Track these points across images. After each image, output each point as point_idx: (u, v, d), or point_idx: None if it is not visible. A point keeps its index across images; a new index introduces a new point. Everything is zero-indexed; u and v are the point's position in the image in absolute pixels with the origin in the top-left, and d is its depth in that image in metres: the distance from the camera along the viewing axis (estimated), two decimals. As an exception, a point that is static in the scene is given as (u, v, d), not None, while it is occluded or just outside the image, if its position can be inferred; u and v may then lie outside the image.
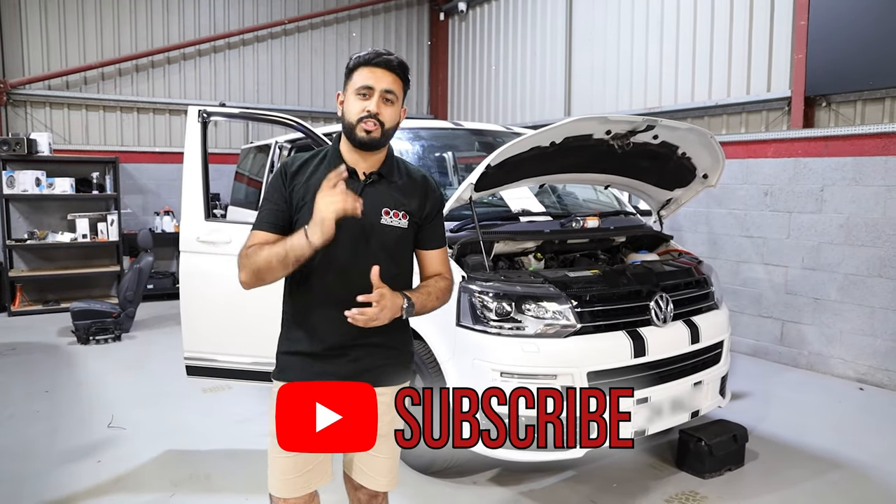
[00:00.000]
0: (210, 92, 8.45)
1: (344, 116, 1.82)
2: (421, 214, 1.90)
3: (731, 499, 3.16)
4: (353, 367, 1.87)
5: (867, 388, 4.79)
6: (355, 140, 1.80)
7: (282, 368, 1.93)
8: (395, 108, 1.82)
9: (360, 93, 1.78)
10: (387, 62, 1.79)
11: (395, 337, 1.94)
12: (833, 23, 5.03)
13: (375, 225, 1.82)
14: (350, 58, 1.84)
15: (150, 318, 6.93)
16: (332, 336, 1.86)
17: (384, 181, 1.87)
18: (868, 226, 4.81)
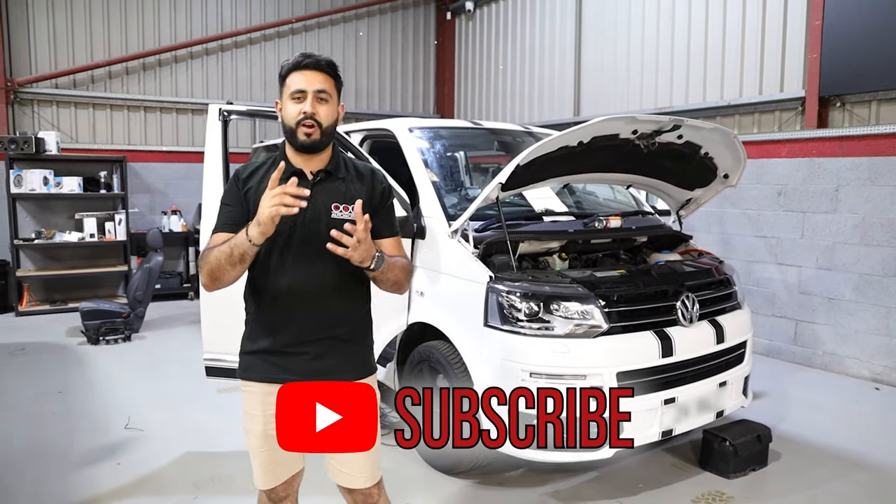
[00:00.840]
0: (217, 91, 8.42)
1: (283, 122, 1.89)
2: (371, 205, 1.94)
3: (757, 499, 3.16)
4: (311, 366, 1.92)
5: (883, 388, 4.79)
6: (297, 143, 1.87)
7: (244, 367, 2.01)
8: (331, 107, 1.89)
9: (295, 97, 1.86)
10: (315, 63, 1.87)
11: (356, 331, 2.02)
12: (848, 23, 5.03)
13: (327, 219, 1.88)
14: (281, 66, 1.92)
15: (159, 318, 6.90)
16: (292, 332, 1.92)
17: (332, 178, 1.94)
18: (884, 226, 4.81)
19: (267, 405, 1.92)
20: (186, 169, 8.19)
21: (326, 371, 1.93)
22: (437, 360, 3.31)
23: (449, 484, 3.27)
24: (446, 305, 3.30)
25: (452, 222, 3.35)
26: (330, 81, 1.90)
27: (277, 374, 1.93)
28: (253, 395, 1.99)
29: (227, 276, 1.82)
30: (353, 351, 2.01)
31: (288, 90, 1.88)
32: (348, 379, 1.95)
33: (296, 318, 1.91)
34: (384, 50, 9.71)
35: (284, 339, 1.93)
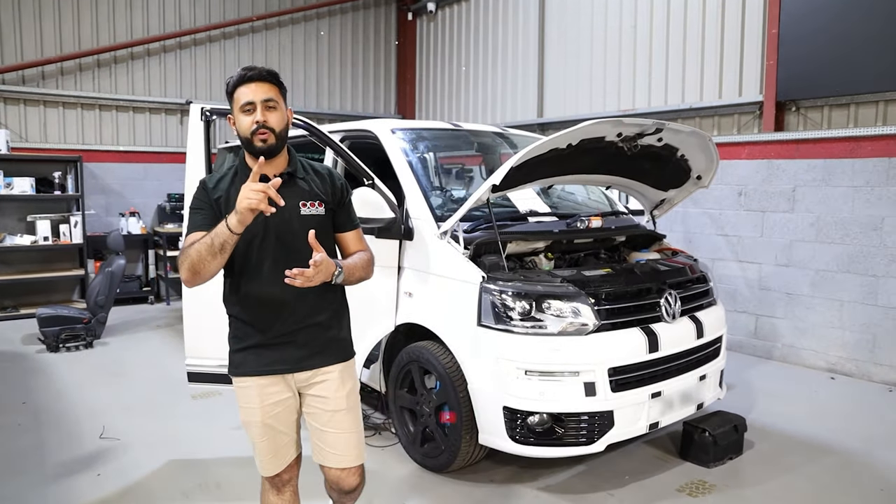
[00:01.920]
0: (175, 90, 8.18)
1: (239, 134, 2.03)
2: (333, 201, 2.13)
3: (737, 486, 3.31)
4: (302, 352, 2.09)
5: (838, 378, 5.08)
6: (255, 151, 1.98)
7: (237, 364, 2.12)
8: (280, 113, 2.02)
9: (245, 109, 1.99)
10: (258, 75, 2.01)
11: (335, 317, 2.17)
12: (802, 32, 5.30)
13: (297, 216, 2.04)
14: (226, 83, 2.06)
15: (120, 323, 6.67)
16: (277, 324, 2.06)
17: (294, 179, 2.07)
18: (837, 224, 5.09)
19: (264, 396, 2.09)
20: (144, 169, 7.93)
21: (313, 356, 2.11)
22: (427, 360, 3.33)
23: (441, 483, 3.30)
24: (437, 306, 3.32)
25: (441, 223, 3.38)
26: (274, 89, 2.03)
27: (271, 365, 2.08)
28: (249, 390, 2.10)
29: (207, 267, 1.89)
30: (334, 336, 2.17)
31: (237, 104, 2.01)
32: (334, 363, 2.15)
33: (279, 312, 2.05)
34: (345, 50, 9.64)
35: (272, 332, 2.06)
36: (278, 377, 2.10)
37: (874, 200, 4.89)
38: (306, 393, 2.16)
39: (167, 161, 8.06)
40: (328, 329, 2.14)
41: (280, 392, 2.12)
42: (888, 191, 4.82)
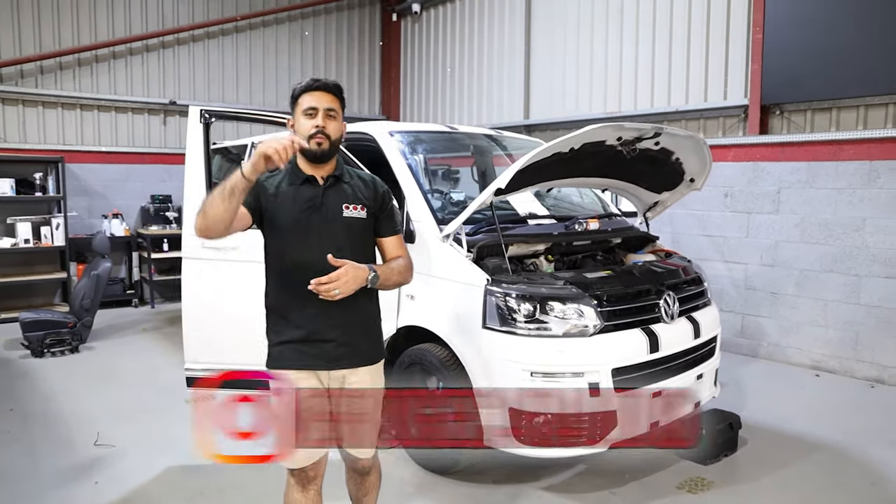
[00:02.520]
0: (158, 89, 8.06)
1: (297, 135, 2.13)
2: (376, 206, 2.26)
3: (734, 483, 3.38)
4: (338, 351, 2.19)
5: (822, 375, 5.21)
6: (309, 154, 2.13)
7: (275, 358, 2.22)
8: (338, 123, 2.18)
9: (307, 113, 2.13)
10: (325, 86, 2.17)
11: (369, 320, 2.29)
12: (786, 38, 5.43)
13: (340, 218, 2.17)
14: (293, 88, 2.20)
15: (105, 327, 6.55)
16: (314, 322, 2.16)
17: (340, 183, 2.22)
18: (821, 225, 5.23)
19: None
20: (127, 171, 7.81)
21: (348, 356, 2.21)
22: (430, 362, 3.35)
23: (446, 485, 3.32)
24: (440, 309, 3.33)
25: (443, 226, 3.39)
26: (336, 101, 2.18)
27: (308, 361, 2.18)
28: (284, 383, 2.20)
29: (216, 209, 1.99)
30: (368, 337, 2.28)
31: (300, 108, 2.15)
32: (366, 364, 2.26)
33: (318, 310, 2.13)
34: (329, 50, 9.59)
35: (310, 330, 2.16)
36: (313, 373, 2.20)
37: (856, 202, 5.03)
38: (337, 392, 2.25)
39: (150, 162, 7.94)
40: (362, 330, 2.25)
41: (313, 388, 2.21)
42: (869, 193, 4.96)
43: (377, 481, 2.49)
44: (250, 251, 3.48)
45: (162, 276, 7.66)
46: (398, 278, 2.24)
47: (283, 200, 2.17)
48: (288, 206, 2.18)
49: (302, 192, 2.18)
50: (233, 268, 3.48)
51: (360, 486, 2.47)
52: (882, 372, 4.97)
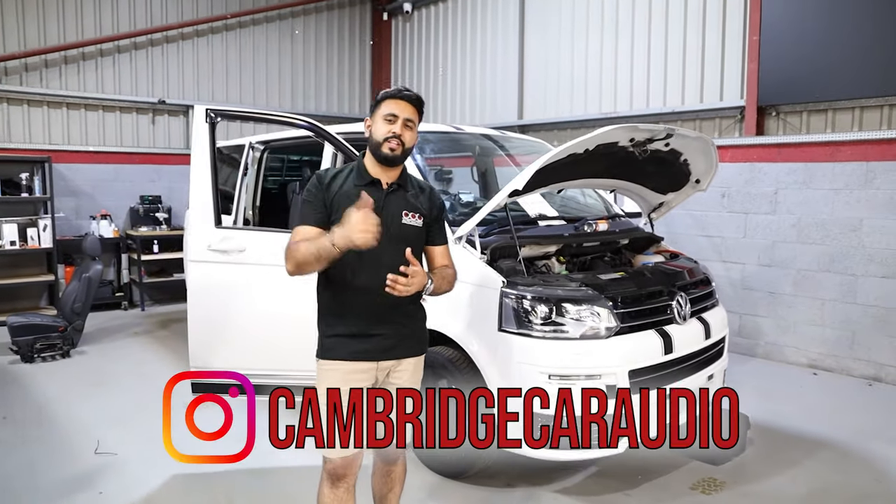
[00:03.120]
0: (147, 88, 7.91)
1: (371, 137, 2.27)
2: (430, 216, 2.37)
3: (745, 482, 3.40)
4: (384, 344, 2.30)
5: (820, 374, 5.27)
6: (380, 156, 2.25)
7: (326, 349, 2.32)
8: (413, 133, 2.30)
9: (387, 118, 2.23)
10: (408, 97, 2.27)
11: (416, 316, 2.40)
12: (782, 40, 5.48)
13: (398, 224, 2.27)
14: (378, 92, 2.33)
15: (95, 330, 6.40)
16: (365, 317, 2.27)
17: (401, 190, 2.33)
18: (818, 225, 5.29)
19: (346, 381, 2.26)
20: (115, 170, 7.65)
21: (396, 348, 2.33)
22: (441, 364, 3.31)
23: (459, 489, 3.29)
24: (454, 311, 3.29)
25: (455, 228, 3.36)
26: (416, 114, 2.30)
27: (358, 353, 2.28)
28: (334, 373, 2.28)
29: (310, 269, 2.17)
30: (415, 330, 2.40)
31: (381, 112, 2.26)
32: (412, 355, 2.39)
33: (369, 307, 2.25)
34: (320, 49, 9.50)
35: (360, 325, 2.27)
36: (363, 364, 2.29)
37: (853, 203, 5.09)
38: (383, 383, 2.36)
39: (139, 162, 7.79)
40: (410, 324, 2.37)
41: (362, 381, 2.30)
42: (866, 193, 5.03)
43: (402, 476, 2.56)
44: (258, 254, 3.44)
45: (152, 279, 7.52)
46: (446, 287, 2.36)
47: (346, 200, 2.21)
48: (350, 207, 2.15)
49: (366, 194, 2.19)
50: (240, 271, 3.41)
51: (385, 480, 2.52)
52: (879, 370, 5.04)
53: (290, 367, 3.46)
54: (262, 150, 5.02)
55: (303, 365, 3.45)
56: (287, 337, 3.45)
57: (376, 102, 2.30)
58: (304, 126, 3.50)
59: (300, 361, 3.45)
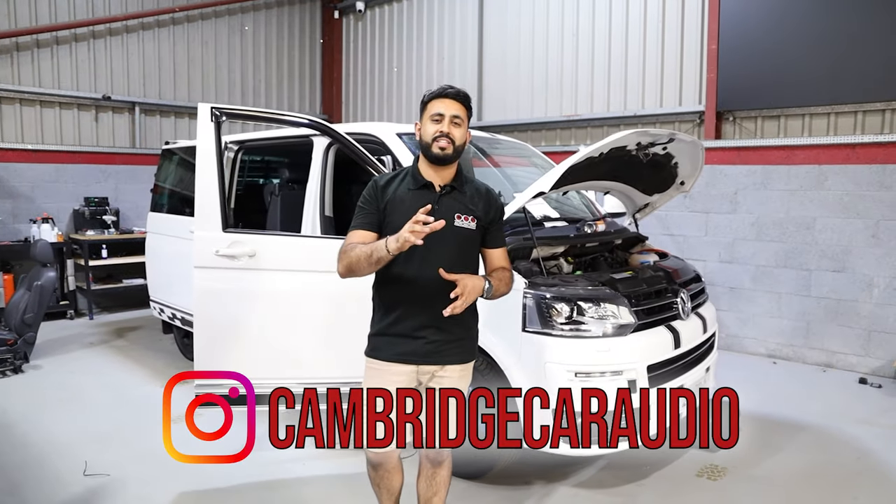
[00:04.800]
0: (89, 82, 7.43)
1: (421, 138, 2.29)
2: (486, 219, 2.35)
3: (744, 467, 3.60)
4: (427, 347, 2.30)
5: (779, 363, 5.65)
6: (431, 156, 2.26)
7: (373, 347, 2.38)
8: (462, 130, 2.29)
9: (434, 118, 2.25)
10: (454, 94, 2.27)
11: (466, 321, 2.36)
12: (739, 49, 5.84)
13: (451, 227, 2.20)
14: (424, 94, 2.32)
15: (43, 342, 5.90)
16: (413, 318, 2.29)
17: (455, 192, 2.32)
18: (775, 224, 5.67)
19: (388, 383, 2.31)
20: (56, 171, 7.14)
21: (440, 353, 2.32)
22: (458, 367, 3.32)
23: (480, 489, 3.31)
24: (472, 313, 3.31)
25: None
26: (464, 110, 2.28)
27: (401, 355, 2.31)
28: (378, 372, 2.34)
29: (362, 272, 2.21)
30: (462, 337, 2.38)
31: (428, 112, 2.27)
32: (457, 362, 2.37)
33: (419, 308, 2.27)
34: (270, 46, 9.24)
35: (407, 325, 2.29)
36: (404, 366, 2.32)
37: (807, 203, 5.49)
38: (426, 384, 2.38)
39: (82, 161, 7.31)
40: (457, 331, 2.34)
41: (403, 382, 2.33)
42: (819, 194, 5.43)
43: (447, 480, 2.58)
44: (268, 259, 3.33)
45: (100, 285, 7.07)
46: (504, 289, 2.34)
47: (399, 204, 2.28)
48: (403, 210, 2.24)
49: (418, 197, 2.27)
50: (250, 276, 3.29)
51: (431, 482, 2.54)
52: (831, 357, 5.46)
53: (304, 374, 3.37)
54: (237, 150, 4.86)
55: (317, 372, 3.39)
56: (302, 345, 3.37)
57: (422, 104, 2.31)
58: (312, 125, 3.41)
59: (315, 369, 3.39)
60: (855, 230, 5.29)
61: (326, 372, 3.37)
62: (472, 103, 2.34)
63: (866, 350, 5.30)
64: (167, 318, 5.49)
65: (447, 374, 2.36)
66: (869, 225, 5.23)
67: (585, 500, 3.25)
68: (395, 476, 2.51)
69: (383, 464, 2.46)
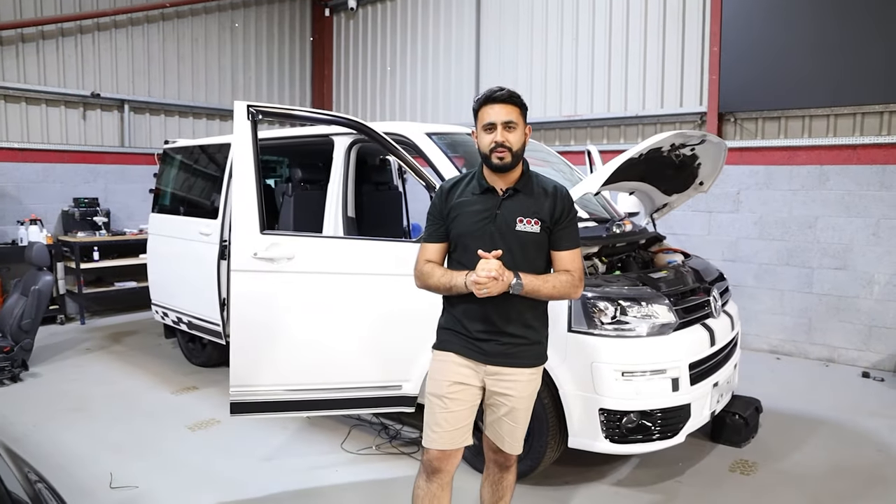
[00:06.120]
0: (76, 79, 7.18)
1: (479, 148, 2.26)
2: (551, 220, 2.27)
3: (772, 461, 3.67)
4: (497, 349, 2.29)
5: (783, 358, 5.78)
6: (491, 166, 2.24)
7: (442, 341, 2.37)
8: (518, 132, 2.23)
9: (487, 129, 2.21)
10: (503, 98, 2.21)
11: (534, 325, 2.34)
12: (740, 52, 5.95)
13: (512, 231, 2.23)
14: (474, 101, 2.28)
15: (36, 349, 5.69)
16: (479, 321, 2.28)
17: (519, 194, 2.27)
18: (777, 223, 5.79)
19: (454, 374, 2.30)
20: (44, 170, 6.88)
21: (507, 356, 2.29)
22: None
23: (526, 491, 3.27)
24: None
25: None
26: (515, 111, 2.22)
27: (472, 352, 2.30)
28: (444, 364, 2.33)
29: (438, 292, 2.31)
30: (530, 342, 2.33)
31: (481, 122, 2.24)
32: (526, 366, 2.32)
33: (485, 311, 2.25)
34: (260, 44, 9.07)
35: (476, 328, 2.28)
36: (472, 362, 2.30)
37: (809, 202, 5.63)
38: (492, 388, 2.33)
39: (71, 161, 7.06)
40: (525, 335, 2.30)
41: (468, 377, 2.31)
42: (820, 194, 5.57)
43: (513, 484, 2.55)
44: (307, 262, 3.26)
45: (90, 289, 6.84)
46: (550, 292, 2.23)
47: (463, 209, 2.29)
48: (467, 215, 2.28)
49: (481, 201, 2.28)
50: (289, 279, 3.21)
51: (496, 489, 2.51)
52: (832, 352, 5.61)
53: (348, 379, 3.32)
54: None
55: (361, 377, 3.34)
56: (345, 349, 3.31)
57: (474, 112, 2.28)
58: (351, 125, 3.34)
59: (359, 373, 3.33)
60: (856, 229, 5.44)
61: (371, 376, 3.33)
62: (523, 100, 2.26)
63: (867, 345, 5.46)
64: (171, 322, 5.35)
65: (517, 379, 2.31)
66: (869, 224, 5.38)
67: (628, 499, 3.26)
68: (444, 495, 2.37)
69: (440, 473, 2.33)
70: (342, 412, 3.65)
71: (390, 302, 3.29)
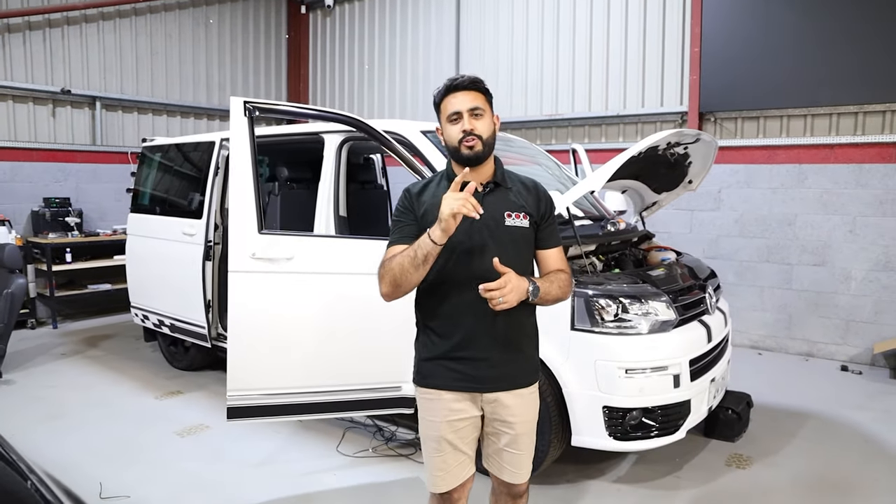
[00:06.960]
0: (45, 74, 6.93)
1: (447, 143, 2.04)
2: (538, 215, 2.10)
3: (766, 454, 3.74)
4: (494, 371, 2.05)
5: (764, 353, 5.90)
6: (461, 158, 1.99)
7: (425, 375, 2.10)
8: (486, 119, 2.02)
9: (452, 119, 2.00)
10: (466, 84, 2.01)
11: (526, 338, 2.14)
12: (721, 53, 6.05)
13: (501, 227, 2.02)
14: (433, 94, 2.06)
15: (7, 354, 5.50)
16: (469, 337, 2.02)
17: (500, 188, 2.07)
18: (758, 221, 5.91)
19: (450, 412, 2.05)
20: (12, 169, 6.62)
21: (504, 378, 2.07)
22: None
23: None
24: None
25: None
26: (480, 97, 2.01)
27: (461, 381, 2.04)
28: (435, 403, 2.08)
29: (409, 279, 1.92)
30: (526, 357, 2.14)
31: (445, 114, 2.02)
32: (524, 385, 2.11)
33: (475, 324, 2.01)
34: (235, 40, 8.89)
35: (463, 346, 2.02)
36: (465, 394, 2.06)
37: (788, 200, 5.76)
38: (491, 416, 2.11)
39: (40, 159, 6.81)
40: (521, 349, 2.11)
41: (466, 410, 2.08)
42: (799, 192, 5.70)
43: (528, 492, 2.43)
44: (308, 261, 3.19)
45: (62, 292, 6.61)
46: (558, 293, 2.04)
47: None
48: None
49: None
50: (288, 281, 3.14)
51: None
52: (812, 347, 5.75)
53: (348, 381, 3.26)
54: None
55: (360, 380, 3.28)
56: (344, 352, 3.25)
57: (435, 106, 2.06)
58: (351, 122, 3.28)
59: (358, 377, 3.28)
60: (833, 226, 5.58)
61: (371, 378, 3.27)
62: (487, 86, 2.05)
63: (844, 339, 5.61)
64: (152, 325, 5.20)
65: (516, 401, 2.09)
66: (847, 221, 5.53)
67: (630, 495, 3.28)
68: None
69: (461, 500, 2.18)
70: (342, 415, 3.59)
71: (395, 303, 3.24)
